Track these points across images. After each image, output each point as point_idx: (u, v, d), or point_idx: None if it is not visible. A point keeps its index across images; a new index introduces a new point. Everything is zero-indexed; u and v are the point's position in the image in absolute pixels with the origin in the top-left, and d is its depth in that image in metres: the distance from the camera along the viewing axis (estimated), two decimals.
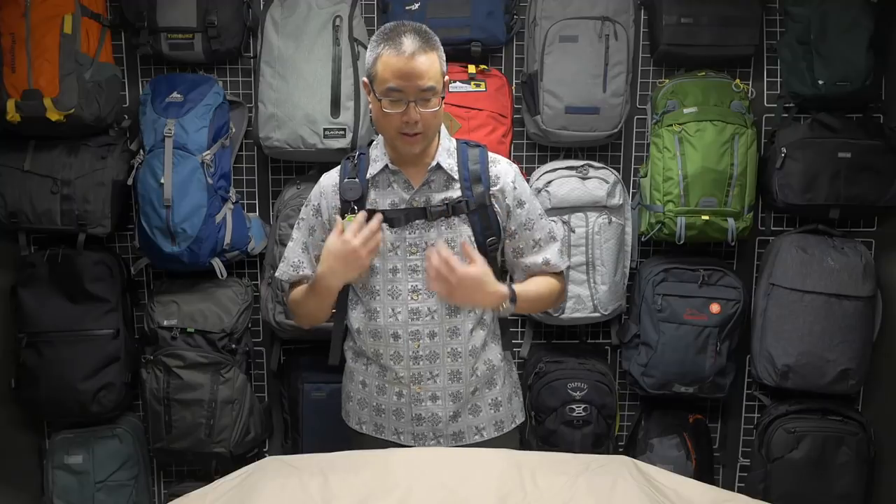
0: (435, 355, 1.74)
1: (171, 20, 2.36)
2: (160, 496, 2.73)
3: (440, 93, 1.62)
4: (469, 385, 1.77)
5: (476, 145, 1.77)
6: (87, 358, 2.41)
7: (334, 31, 2.32)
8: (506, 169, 1.75)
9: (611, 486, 1.42)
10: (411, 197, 1.71)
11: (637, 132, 2.59)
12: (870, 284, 2.37)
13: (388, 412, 1.80)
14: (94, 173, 2.39)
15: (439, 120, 1.68)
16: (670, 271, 2.44)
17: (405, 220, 1.71)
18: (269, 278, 2.43)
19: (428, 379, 1.76)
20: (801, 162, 2.37)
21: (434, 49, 1.61)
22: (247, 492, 1.42)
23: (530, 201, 1.77)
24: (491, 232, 1.73)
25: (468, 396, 1.78)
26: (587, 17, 2.35)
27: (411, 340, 1.74)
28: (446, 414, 1.78)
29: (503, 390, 1.83)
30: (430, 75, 1.58)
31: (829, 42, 2.32)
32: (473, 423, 1.80)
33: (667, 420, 2.53)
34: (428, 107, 1.60)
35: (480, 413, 1.80)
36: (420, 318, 1.73)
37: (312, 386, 2.47)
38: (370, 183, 1.74)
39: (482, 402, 1.80)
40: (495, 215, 1.73)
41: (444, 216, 1.70)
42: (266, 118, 2.34)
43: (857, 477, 2.38)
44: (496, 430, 1.81)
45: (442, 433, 1.79)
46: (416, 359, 1.75)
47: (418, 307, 1.73)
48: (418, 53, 1.57)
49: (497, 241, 1.75)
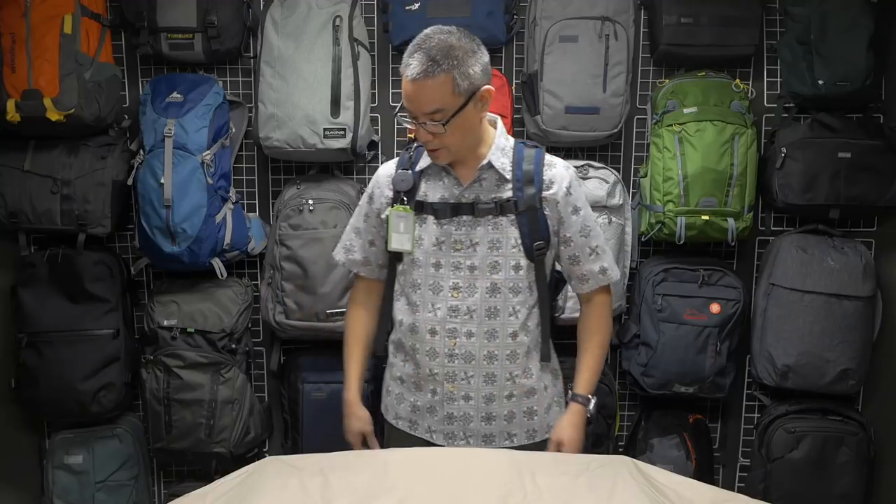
0: (470, 355, 1.71)
1: (171, 20, 2.37)
2: (160, 496, 2.73)
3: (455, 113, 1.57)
4: (503, 389, 1.74)
5: (533, 146, 1.73)
6: (87, 358, 2.41)
7: (334, 31, 2.32)
8: (561, 173, 1.70)
9: (611, 486, 1.42)
10: (461, 193, 1.69)
11: (637, 132, 2.59)
12: (870, 284, 2.37)
13: (423, 409, 1.79)
14: (94, 173, 2.39)
15: (462, 137, 1.63)
16: (670, 271, 2.44)
17: (451, 214, 1.69)
18: (269, 278, 2.43)
19: (462, 379, 1.73)
20: (801, 162, 2.37)
21: (445, 69, 1.53)
22: (247, 492, 1.42)
23: (585, 207, 1.72)
24: (539, 236, 1.68)
25: (502, 401, 1.74)
26: (587, 17, 2.35)
27: (448, 338, 1.71)
28: (478, 415, 1.75)
29: (541, 400, 1.78)
30: (433, 99, 1.55)
31: (829, 42, 2.32)
32: (506, 429, 1.77)
33: (667, 420, 2.53)
34: (435, 129, 1.58)
35: (514, 420, 1.76)
36: (458, 316, 1.70)
37: (312, 386, 2.47)
38: (422, 175, 1.73)
39: (517, 408, 1.76)
40: (545, 219, 1.68)
41: (491, 215, 1.68)
42: (266, 118, 2.34)
43: (857, 477, 2.38)
44: (528, 437, 1.78)
45: (473, 433, 1.76)
46: (451, 357, 1.72)
47: (458, 305, 1.70)
48: (421, 77, 1.54)
49: (545, 246, 1.69)
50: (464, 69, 1.56)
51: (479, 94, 1.60)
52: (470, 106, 1.59)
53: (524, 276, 1.69)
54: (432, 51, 1.54)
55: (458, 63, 1.55)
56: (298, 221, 2.37)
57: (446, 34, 1.58)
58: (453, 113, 1.57)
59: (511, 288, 1.69)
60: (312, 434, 2.47)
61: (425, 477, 1.45)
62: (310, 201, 2.37)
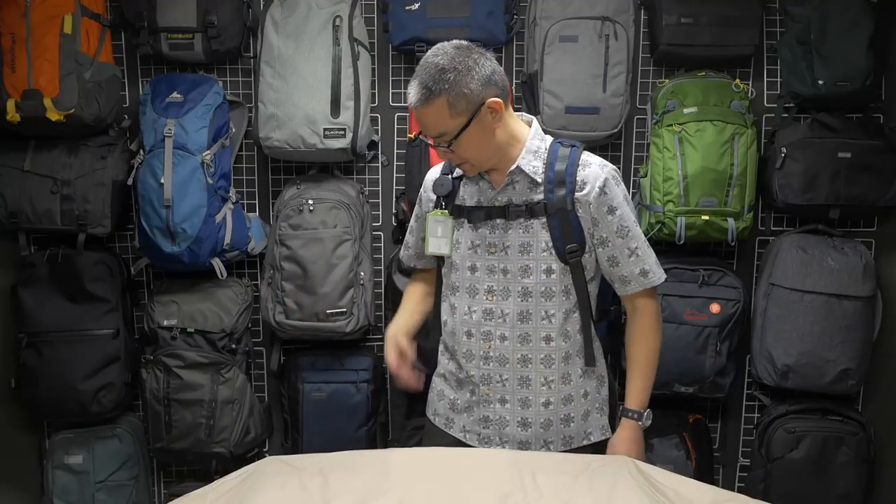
0: (504, 358, 1.70)
1: (171, 20, 2.37)
2: (160, 496, 2.73)
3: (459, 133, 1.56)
4: (539, 395, 1.71)
5: (571, 145, 1.68)
6: (87, 358, 2.41)
7: (334, 31, 2.32)
8: (595, 173, 1.63)
9: (611, 486, 1.42)
10: (493, 196, 1.68)
11: (637, 132, 2.59)
12: (870, 284, 2.37)
13: (461, 408, 1.78)
14: (94, 173, 2.39)
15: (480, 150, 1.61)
16: (670, 271, 2.41)
17: (485, 218, 1.69)
18: (268, 278, 2.43)
19: (497, 382, 1.72)
20: (801, 162, 2.37)
21: (438, 94, 1.53)
22: (247, 492, 1.42)
23: (622, 207, 1.64)
24: (572, 238, 1.63)
25: (539, 408, 1.71)
26: (587, 17, 2.35)
27: (483, 340, 1.71)
28: (514, 419, 1.72)
29: (578, 406, 1.73)
30: (435, 124, 1.57)
31: (829, 42, 2.32)
32: (542, 436, 1.73)
33: (667, 420, 2.53)
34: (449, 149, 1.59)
35: (551, 427, 1.73)
36: (493, 320, 1.70)
37: (312, 386, 2.47)
38: (461, 180, 1.74)
39: (554, 416, 1.72)
40: (578, 221, 1.63)
41: (523, 218, 1.65)
42: (266, 118, 2.34)
43: (857, 477, 2.38)
44: (564, 444, 1.74)
45: (508, 438, 1.74)
46: (486, 359, 1.71)
47: (492, 308, 1.69)
48: (420, 105, 1.56)
49: (579, 249, 1.64)
50: (458, 90, 1.53)
51: (484, 109, 1.57)
52: (475, 123, 1.57)
53: (557, 280, 1.66)
54: (425, 77, 1.54)
55: (450, 86, 1.53)
56: (298, 221, 2.37)
57: (440, 55, 1.56)
58: (456, 134, 1.57)
59: (543, 292, 1.67)
60: (312, 434, 2.47)
61: (425, 477, 1.45)
62: (310, 201, 2.37)
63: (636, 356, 1.75)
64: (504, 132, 1.63)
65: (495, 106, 1.58)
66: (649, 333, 1.74)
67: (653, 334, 1.75)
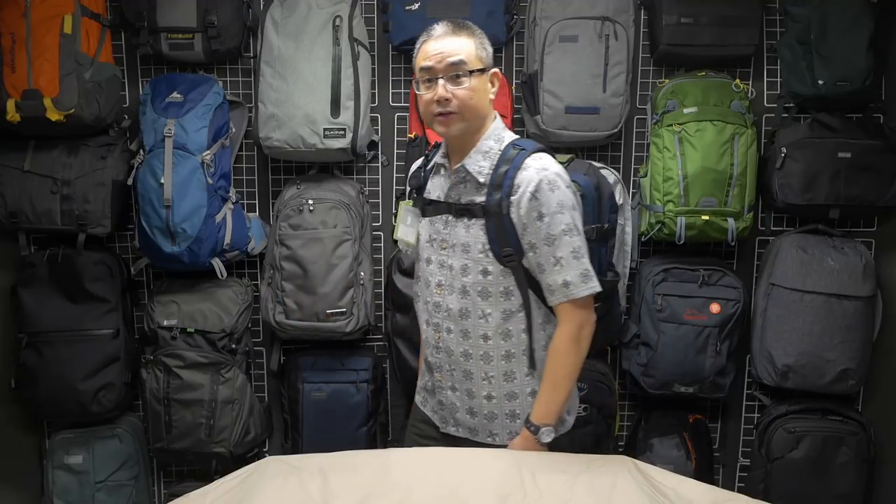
0: (450, 350, 1.75)
1: (171, 20, 2.37)
2: (160, 496, 2.73)
3: (474, 72, 1.63)
4: (481, 388, 1.74)
5: (521, 147, 1.66)
6: (87, 358, 2.41)
7: (334, 31, 2.32)
8: (529, 177, 1.61)
9: (611, 486, 1.42)
10: (447, 192, 1.73)
11: (637, 132, 2.59)
12: (870, 284, 2.37)
13: (430, 389, 1.86)
14: (94, 173, 2.39)
15: (477, 104, 1.65)
16: (670, 271, 2.44)
17: (435, 213, 1.75)
18: (268, 278, 2.43)
19: (447, 370, 1.78)
20: (801, 162, 2.37)
21: (468, 34, 1.66)
22: (247, 492, 1.42)
23: (555, 215, 1.60)
24: (507, 242, 1.63)
25: (482, 400, 1.74)
26: (587, 17, 2.35)
27: (434, 331, 1.78)
28: (463, 406, 1.77)
29: (524, 404, 1.74)
30: (459, 51, 1.63)
31: (829, 42, 2.32)
32: (487, 427, 1.76)
33: (667, 420, 2.53)
34: (458, 83, 1.62)
35: (496, 420, 1.75)
36: (440, 312, 1.74)
37: (312, 386, 2.47)
38: (431, 172, 1.79)
39: (499, 410, 1.74)
40: (512, 225, 1.63)
41: (466, 217, 1.68)
42: (266, 118, 2.34)
43: (857, 477, 2.38)
44: (509, 438, 1.75)
45: (459, 423, 1.79)
46: (437, 349, 1.78)
47: (440, 301, 1.74)
48: (448, 35, 1.65)
49: (514, 253, 1.64)
50: (483, 41, 1.68)
51: (492, 72, 1.69)
52: (486, 75, 1.67)
53: (494, 281, 1.66)
54: (456, 21, 1.68)
55: (479, 35, 1.68)
56: (298, 221, 2.37)
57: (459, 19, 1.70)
58: (476, 69, 1.64)
59: (480, 292, 1.68)
60: (312, 434, 2.47)
61: (425, 477, 1.45)
62: (310, 201, 2.37)
63: (547, 370, 1.68)
64: (490, 109, 1.71)
65: (496, 78, 1.70)
66: (563, 350, 1.65)
67: (566, 353, 1.65)
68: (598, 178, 1.84)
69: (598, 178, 1.84)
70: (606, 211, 1.83)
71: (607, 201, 1.84)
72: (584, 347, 1.67)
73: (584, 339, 1.66)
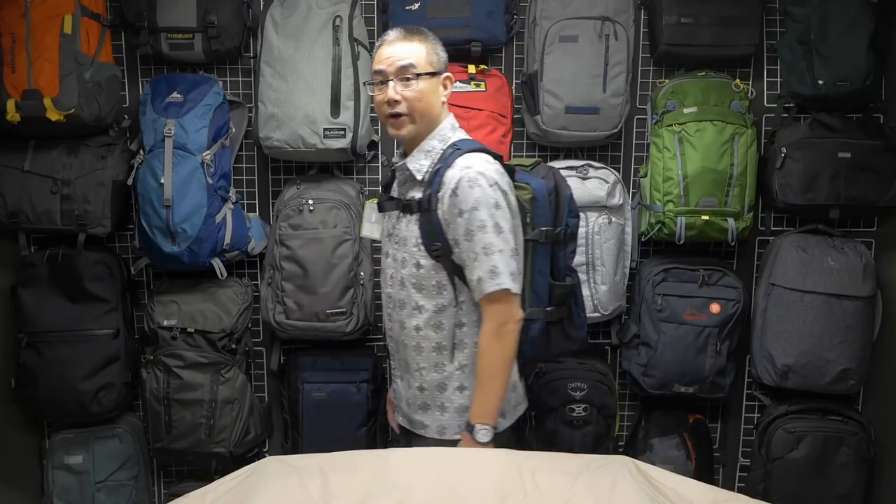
0: (394, 340, 1.85)
1: (171, 20, 2.37)
2: (160, 496, 2.73)
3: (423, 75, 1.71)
4: (415, 378, 1.81)
5: (457, 147, 1.72)
6: (87, 358, 2.41)
7: (334, 31, 2.32)
8: (453, 174, 1.66)
9: (611, 486, 1.42)
10: (399, 190, 1.83)
11: (637, 132, 2.59)
12: (870, 284, 2.37)
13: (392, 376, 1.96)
14: (94, 173, 2.39)
15: (425, 106, 1.72)
16: (670, 271, 2.44)
17: (389, 209, 1.83)
18: (269, 278, 2.43)
19: (394, 359, 1.89)
20: (801, 162, 2.37)
21: (420, 39, 1.74)
22: (247, 492, 1.42)
23: (473, 212, 1.63)
24: (436, 237, 1.69)
25: (415, 391, 1.82)
26: (587, 17, 2.35)
27: (388, 320, 1.87)
28: (405, 395, 1.86)
29: (454, 399, 1.78)
30: (409, 55, 1.72)
31: (829, 42, 2.32)
32: (420, 418, 1.83)
33: (667, 420, 2.53)
34: (407, 86, 1.71)
35: (428, 412, 1.81)
36: (390, 303, 1.84)
37: (312, 386, 2.47)
38: (396, 171, 1.85)
39: (431, 401, 1.80)
40: (438, 221, 1.69)
41: (408, 213, 1.76)
42: (266, 118, 2.34)
43: (857, 477, 2.38)
44: (437, 432, 1.80)
45: (403, 412, 1.88)
46: (389, 338, 1.88)
47: (391, 293, 1.83)
48: (400, 40, 1.74)
49: (442, 247, 1.69)
50: (435, 46, 1.76)
51: (444, 76, 1.76)
52: (437, 79, 1.74)
53: (426, 274, 1.73)
54: (410, 27, 1.77)
55: (431, 40, 1.76)
56: (298, 221, 2.37)
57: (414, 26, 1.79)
58: (424, 72, 1.72)
59: (414, 284, 1.75)
60: (312, 434, 2.47)
61: (425, 477, 1.45)
62: (310, 201, 2.37)
63: (477, 367, 1.72)
64: (441, 111, 1.78)
65: (448, 83, 1.78)
66: (485, 346, 1.69)
67: (488, 348, 1.68)
68: (557, 182, 1.83)
69: (557, 182, 1.83)
70: (564, 215, 1.82)
71: (566, 205, 1.82)
72: (507, 344, 1.69)
73: (506, 335, 1.68)
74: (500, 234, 1.65)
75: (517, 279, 1.68)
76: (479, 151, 1.72)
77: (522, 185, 1.79)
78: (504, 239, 1.66)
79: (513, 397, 1.83)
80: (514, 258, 1.68)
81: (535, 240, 1.76)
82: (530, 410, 2.44)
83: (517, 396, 1.85)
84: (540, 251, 1.78)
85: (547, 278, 1.80)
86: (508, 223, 1.67)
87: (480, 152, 1.72)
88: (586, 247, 2.37)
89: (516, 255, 1.69)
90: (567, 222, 1.83)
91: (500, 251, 1.65)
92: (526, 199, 1.78)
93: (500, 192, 1.67)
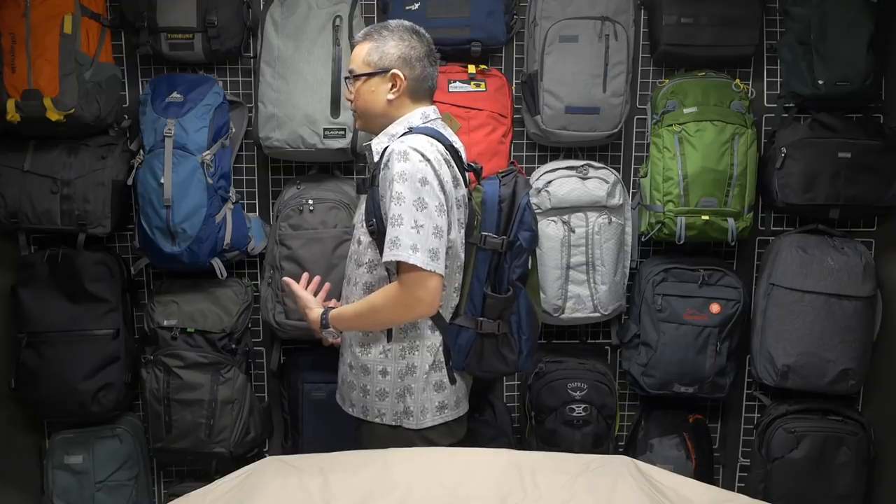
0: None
1: (171, 20, 2.36)
2: (160, 496, 2.73)
3: (360, 76, 1.79)
4: (347, 355, 1.88)
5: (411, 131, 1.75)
6: (87, 358, 2.41)
7: (334, 32, 2.33)
8: (389, 150, 1.70)
9: (611, 486, 1.42)
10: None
11: (637, 132, 2.59)
12: (870, 284, 2.37)
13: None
14: (94, 173, 2.39)
15: (363, 105, 1.81)
16: (670, 271, 2.44)
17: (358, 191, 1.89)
18: (269, 278, 2.43)
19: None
20: (801, 162, 2.37)
21: (368, 40, 1.80)
22: (247, 492, 1.42)
23: (394, 183, 1.64)
24: (372, 214, 1.74)
25: (346, 367, 1.88)
26: (587, 17, 2.35)
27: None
28: (341, 373, 1.93)
29: (375, 382, 1.81)
30: (353, 60, 1.83)
31: (829, 42, 2.32)
32: (348, 395, 1.89)
33: (667, 420, 2.53)
34: (350, 86, 1.83)
35: (354, 391, 1.87)
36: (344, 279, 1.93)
37: (312, 386, 2.47)
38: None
39: (356, 380, 1.85)
40: (378, 198, 1.73)
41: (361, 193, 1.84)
42: (266, 118, 2.34)
43: (857, 477, 2.38)
44: (361, 412, 1.86)
45: (338, 387, 1.95)
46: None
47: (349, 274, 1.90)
48: (358, 42, 1.83)
49: (377, 224, 1.72)
50: (380, 45, 1.78)
51: (388, 74, 1.77)
52: (376, 79, 1.78)
53: (363, 252, 1.80)
54: (369, 27, 1.84)
55: (378, 39, 1.79)
56: (298, 221, 2.37)
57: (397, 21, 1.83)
58: (359, 75, 1.79)
59: (355, 260, 1.84)
60: (312, 434, 2.47)
61: (425, 477, 1.45)
62: (310, 201, 2.37)
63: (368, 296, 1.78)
64: (393, 108, 1.80)
65: (396, 79, 1.77)
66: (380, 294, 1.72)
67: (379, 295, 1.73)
68: (516, 191, 1.80)
69: (516, 191, 1.80)
70: (515, 226, 1.79)
71: (518, 216, 1.79)
72: (397, 310, 1.70)
73: (401, 303, 1.68)
74: (423, 209, 1.62)
75: (433, 258, 1.62)
76: (428, 135, 1.73)
77: (477, 187, 1.83)
78: (427, 215, 1.63)
79: (436, 398, 1.81)
80: (434, 236, 1.63)
81: (475, 244, 1.76)
82: (530, 410, 2.44)
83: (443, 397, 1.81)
84: (481, 257, 1.78)
85: (483, 286, 1.78)
86: (437, 200, 1.64)
87: (428, 135, 1.73)
88: (586, 247, 2.37)
89: (438, 235, 1.64)
90: (518, 234, 1.79)
91: (413, 225, 1.61)
92: (477, 202, 1.79)
93: (431, 169, 1.65)
